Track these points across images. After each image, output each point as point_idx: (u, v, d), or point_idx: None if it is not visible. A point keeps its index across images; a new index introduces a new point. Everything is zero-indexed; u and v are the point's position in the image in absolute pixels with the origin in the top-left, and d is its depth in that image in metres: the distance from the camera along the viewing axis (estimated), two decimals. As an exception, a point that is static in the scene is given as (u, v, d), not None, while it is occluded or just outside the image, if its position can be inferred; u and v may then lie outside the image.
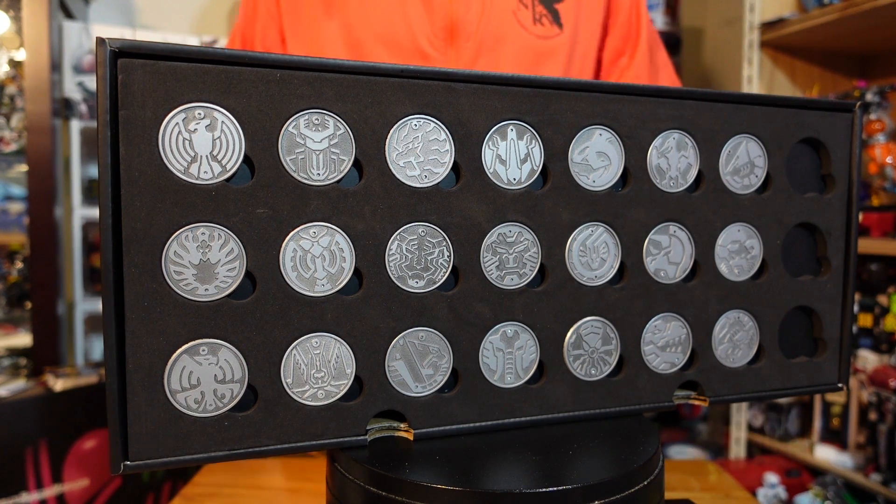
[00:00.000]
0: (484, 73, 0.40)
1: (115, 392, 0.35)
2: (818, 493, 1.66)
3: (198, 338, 0.36)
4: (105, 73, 0.34)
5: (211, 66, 0.36)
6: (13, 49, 1.76)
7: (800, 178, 0.50)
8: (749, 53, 1.87)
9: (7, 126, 1.78)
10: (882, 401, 1.54)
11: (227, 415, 0.37)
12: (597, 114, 0.43)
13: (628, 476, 0.38)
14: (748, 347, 0.49)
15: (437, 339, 0.41)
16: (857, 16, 1.60)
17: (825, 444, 1.76)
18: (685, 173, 0.46)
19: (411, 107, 0.39)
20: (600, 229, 0.44)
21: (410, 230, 0.40)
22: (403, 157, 0.39)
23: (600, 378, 0.45)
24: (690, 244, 0.46)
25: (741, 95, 0.47)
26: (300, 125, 0.37)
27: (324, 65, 0.37)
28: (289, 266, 0.38)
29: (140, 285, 0.35)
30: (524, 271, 0.43)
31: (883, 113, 1.68)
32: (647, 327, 0.46)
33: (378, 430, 0.41)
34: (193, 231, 0.36)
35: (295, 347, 0.38)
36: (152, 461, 0.36)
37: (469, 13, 0.73)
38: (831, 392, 0.52)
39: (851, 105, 0.50)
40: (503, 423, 0.43)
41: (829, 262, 0.50)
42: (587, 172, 0.44)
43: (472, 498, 0.35)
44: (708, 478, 0.78)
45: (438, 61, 0.73)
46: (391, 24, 0.73)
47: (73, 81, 1.75)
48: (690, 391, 0.48)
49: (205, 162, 0.36)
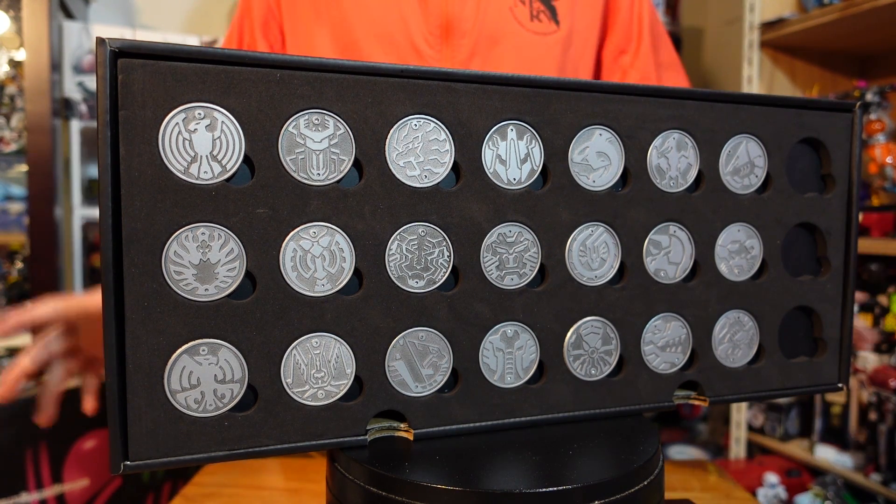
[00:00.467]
0: (484, 73, 0.40)
1: (115, 392, 0.35)
2: (818, 493, 1.66)
3: (198, 338, 0.36)
4: (105, 73, 0.34)
5: (211, 66, 0.36)
6: (13, 49, 1.76)
7: (800, 178, 0.50)
8: (749, 53, 1.87)
9: (7, 126, 1.78)
10: (882, 401, 1.54)
11: (227, 415, 0.37)
12: (597, 114, 0.43)
13: (628, 476, 0.38)
14: (748, 347, 0.49)
15: (437, 339, 0.41)
16: (857, 16, 1.60)
17: (825, 444, 1.75)
18: (685, 173, 0.46)
19: (411, 107, 0.39)
20: (600, 229, 0.44)
21: (410, 230, 0.40)
22: (403, 157, 0.39)
23: (600, 378, 0.45)
24: (690, 244, 0.46)
25: (741, 95, 0.47)
26: (300, 125, 0.37)
27: (324, 65, 0.37)
28: (289, 266, 0.38)
29: (140, 285, 0.35)
30: (524, 271, 0.43)
31: (883, 113, 1.68)
32: (647, 327, 0.46)
33: (378, 430, 0.41)
34: (193, 231, 0.36)
35: (295, 347, 0.38)
36: (152, 461, 0.36)
37: (464, 10, 0.73)
38: (831, 392, 0.52)
39: (851, 105, 0.50)
40: (503, 423, 0.43)
41: (829, 262, 0.50)
42: (587, 172, 0.44)
43: (472, 498, 0.35)
44: (708, 478, 0.78)
45: (434, 59, 0.73)
46: (386, 21, 0.73)
47: (73, 81, 1.75)
48: (690, 391, 0.48)
49: (205, 162, 0.36)
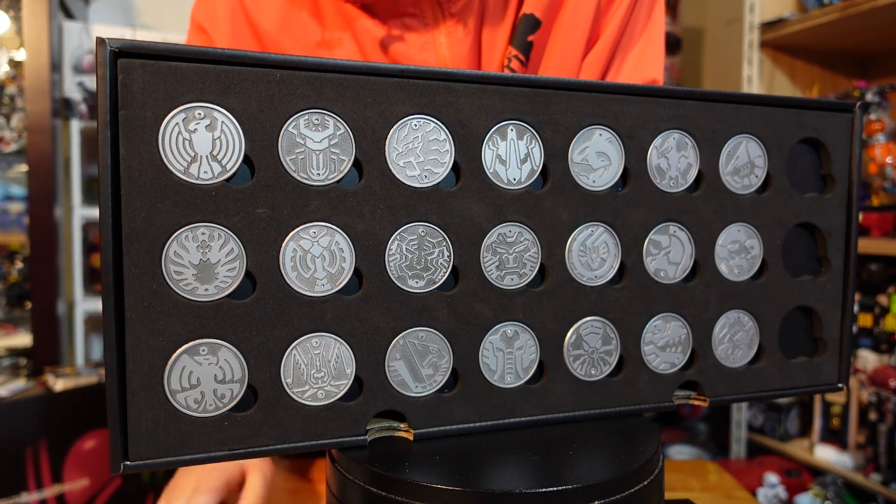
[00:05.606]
0: (484, 73, 0.40)
1: (115, 392, 0.35)
2: (818, 493, 1.66)
3: (198, 338, 0.36)
4: (105, 73, 0.34)
5: (211, 67, 0.36)
6: (13, 49, 1.76)
7: (800, 178, 0.50)
8: (749, 53, 1.87)
9: (7, 126, 1.78)
10: (882, 401, 1.54)
11: (227, 415, 0.37)
12: (597, 114, 0.43)
13: (628, 476, 0.38)
14: (748, 347, 0.49)
15: (437, 339, 0.41)
16: (857, 16, 1.60)
17: (825, 444, 1.76)
18: (685, 173, 0.46)
19: (411, 107, 0.39)
20: (600, 229, 0.44)
21: (410, 230, 0.40)
22: (403, 157, 0.39)
23: (600, 378, 0.45)
24: (690, 244, 0.46)
25: (741, 95, 0.47)
26: (300, 125, 0.37)
27: (324, 65, 0.37)
28: (289, 266, 0.38)
29: (140, 285, 0.35)
30: (524, 271, 0.43)
31: (883, 113, 1.68)
32: (647, 327, 0.46)
33: (378, 430, 0.41)
34: (193, 231, 0.36)
35: (295, 347, 0.38)
36: (152, 461, 0.36)
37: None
38: (831, 392, 0.52)
39: (851, 105, 0.50)
40: (503, 423, 0.43)
41: (829, 262, 0.50)
42: (587, 172, 0.43)
43: (472, 498, 0.35)
44: (708, 478, 0.78)
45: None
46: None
47: (73, 81, 1.75)
48: (690, 391, 0.48)
49: (205, 162, 0.36)
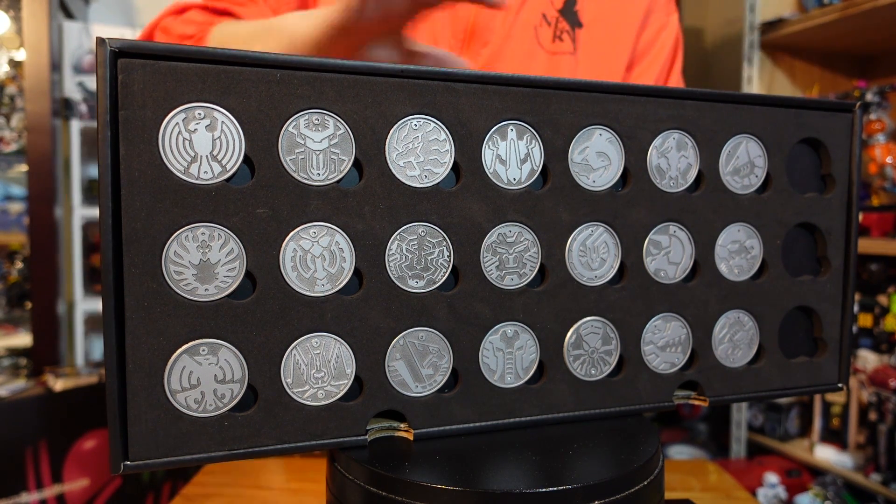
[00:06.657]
0: (484, 73, 0.40)
1: (115, 392, 0.35)
2: (818, 493, 1.66)
3: (198, 338, 0.36)
4: (105, 73, 0.34)
5: (211, 67, 0.36)
6: (13, 49, 1.76)
7: (800, 178, 0.50)
8: (749, 53, 1.87)
9: (7, 126, 1.78)
10: (882, 401, 1.54)
11: (227, 415, 0.37)
12: (597, 114, 0.43)
13: (628, 476, 0.38)
14: (748, 347, 0.49)
15: (437, 339, 0.41)
16: (857, 16, 1.60)
17: (825, 444, 1.76)
18: (685, 173, 0.46)
19: (411, 107, 0.39)
20: (600, 229, 0.44)
21: (410, 230, 0.40)
22: (403, 157, 0.39)
23: (600, 378, 0.45)
24: (690, 244, 0.46)
25: (741, 95, 0.47)
26: (300, 125, 0.37)
27: (324, 65, 0.37)
28: (289, 266, 0.38)
29: (140, 285, 0.35)
30: (524, 271, 0.43)
31: (883, 113, 1.68)
32: (647, 327, 0.46)
33: (378, 430, 0.41)
34: (193, 231, 0.36)
35: (295, 347, 0.38)
36: (152, 461, 0.36)
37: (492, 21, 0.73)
38: (831, 392, 0.52)
39: (851, 105, 0.50)
40: (503, 423, 0.43)
41: (829, 262, 0.50)
42: (587, 172, 0.44)
43: (472, 498, 0.35)
44: (708, 478, 0.78)
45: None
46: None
47: (73, 81, 1.75)
48: (690, 391, 0.48)
49: (205, 162, 0.36)
